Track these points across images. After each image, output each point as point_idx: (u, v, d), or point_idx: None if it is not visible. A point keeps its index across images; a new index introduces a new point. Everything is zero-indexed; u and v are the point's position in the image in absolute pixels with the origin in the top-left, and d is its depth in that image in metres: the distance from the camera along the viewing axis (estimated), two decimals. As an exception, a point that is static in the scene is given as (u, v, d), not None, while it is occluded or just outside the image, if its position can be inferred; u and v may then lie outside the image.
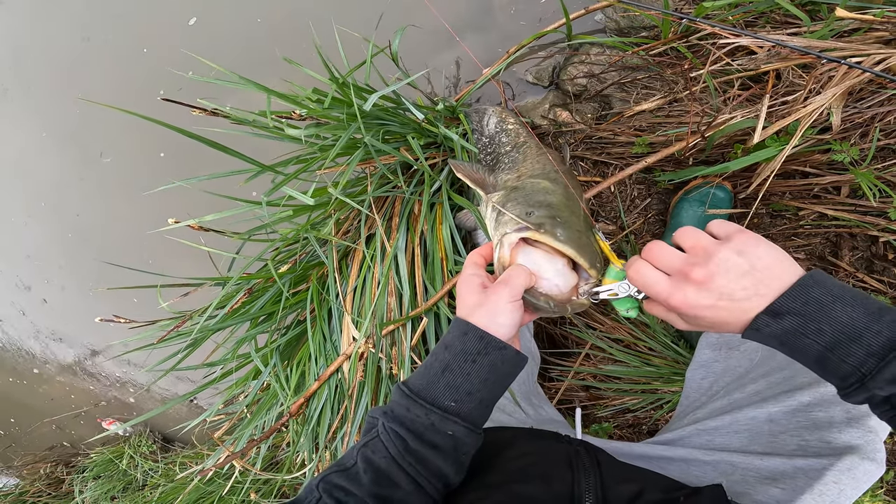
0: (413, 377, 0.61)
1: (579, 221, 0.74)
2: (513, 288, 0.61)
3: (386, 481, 0.55)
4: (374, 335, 1.05)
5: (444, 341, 0.61)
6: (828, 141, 0.95)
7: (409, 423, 0.57)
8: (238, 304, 1.14)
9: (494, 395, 0.61)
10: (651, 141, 1.10)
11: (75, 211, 2.11)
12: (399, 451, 0.56)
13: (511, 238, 0.70)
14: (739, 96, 0.98)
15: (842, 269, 1.10)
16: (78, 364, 2.45)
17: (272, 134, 0.97)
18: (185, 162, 1.87)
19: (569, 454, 0.70)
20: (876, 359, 0.43)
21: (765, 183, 0.92)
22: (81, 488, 2.60)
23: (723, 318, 0.50)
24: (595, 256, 0.69)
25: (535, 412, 0.97)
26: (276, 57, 1.09)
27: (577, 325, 1.32)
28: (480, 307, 0.61)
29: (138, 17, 1.85)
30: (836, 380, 0.47)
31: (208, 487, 1.86)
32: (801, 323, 0.46)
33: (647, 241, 1.31)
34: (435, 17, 1.44)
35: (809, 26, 0.91)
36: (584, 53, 1.31)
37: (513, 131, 1.09)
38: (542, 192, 0.83)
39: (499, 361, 0.59)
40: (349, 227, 1.23)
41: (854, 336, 0.44)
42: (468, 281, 0.65)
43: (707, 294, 0.50)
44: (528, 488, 0.63)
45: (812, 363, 0.48)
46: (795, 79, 0.94)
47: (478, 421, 0.59)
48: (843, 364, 0.45)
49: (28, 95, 2.10)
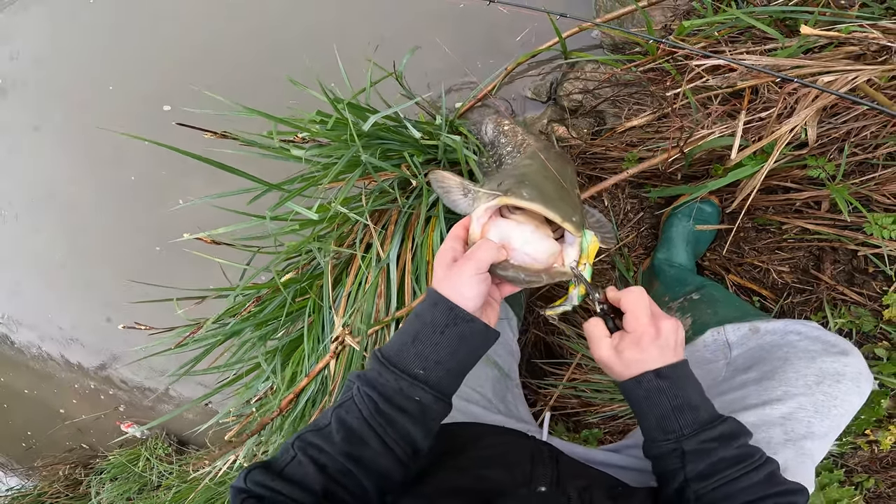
0: (387, 344, 0.65)
1: (552, 185, 0.74)
2: (477, 262, 0.64)
3: (357, 441, 0.59)
4: (361, 335, 1.10)
5: (415, 310, 0.65)
6: (804, 157, 0.99)
7: (381, 387, 0.60)
8: (246, 313, 1.21)
9: (463, 365, 0.65)
10: (640, 156, 1.14)
11: (98, 224, 2.22)
12: (371, 412, 0.59)
13: (478, 211, 0.71)
14: (719, 111, 1.02)
15: (823, 283, 1.13)
16: (99, 368, 2.53)
17: (278, 154, 1.03)
18: (194, 180, 1.97)
19: (531, 450, 0.75)
20: (697, 425, 0.61)
21: (748, 199, 0.96)
22: (98, 490, 2.67)
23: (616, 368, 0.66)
24: (571, 210, 0.69)
25: (506, 409, 0.99)
26: (275, 75, 1.14)
27: (570, 337, 1.37)
28: (446, 280, 0.64)
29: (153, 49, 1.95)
30: (659, 432, 0.63)
31: (219, 488, 1.92)
32: (670, 385, 0.62)
33: (639, 254, 1.36)
34: (434, 36, 1.51)
35: (784, 42, 0.95)
36: (579, 69, 1.36)
37: (510, 131, 1.11)
38: (519, 168, 0.83)
39: (467, 333, 0.63)
40: (353, 239, 1.29)
41: (692, 407, 0.61)
42: (442, 254, 0.68)
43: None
44: (490, 473, 0.68)
45: (655, 415, 0.63)
46: (772, 94, 0.97)
47: (445, 390, 0.63)
48: (675, 422, 0.61)
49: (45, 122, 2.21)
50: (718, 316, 0.99)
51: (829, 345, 0.76)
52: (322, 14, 1.70)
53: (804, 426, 0.70)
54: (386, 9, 1.61)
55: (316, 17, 1.71)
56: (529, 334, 1.52)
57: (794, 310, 1.17)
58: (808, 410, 0.71)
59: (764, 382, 0.76)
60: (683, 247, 1.19)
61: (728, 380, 0.84)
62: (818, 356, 0.75)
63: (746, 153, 0.92)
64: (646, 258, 1.34)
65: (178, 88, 1.89)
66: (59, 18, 2.14)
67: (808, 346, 0.78)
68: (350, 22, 1.66)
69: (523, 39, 1.45)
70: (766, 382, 0.76)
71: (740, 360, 0.86)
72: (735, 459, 0.58)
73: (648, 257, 1.33)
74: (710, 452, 0.59)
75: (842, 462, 1.21)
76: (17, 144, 2.32)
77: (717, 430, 0.60)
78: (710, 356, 0.93)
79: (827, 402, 0.71)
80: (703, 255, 1.26)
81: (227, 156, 1.10)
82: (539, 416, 1.40)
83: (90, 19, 2.06)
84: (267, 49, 1.77)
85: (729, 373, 0.86)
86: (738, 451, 0.59)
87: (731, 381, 0.82)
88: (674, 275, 1.19)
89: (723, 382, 0.85)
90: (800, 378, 0.73)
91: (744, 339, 0.89)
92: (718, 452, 0.59)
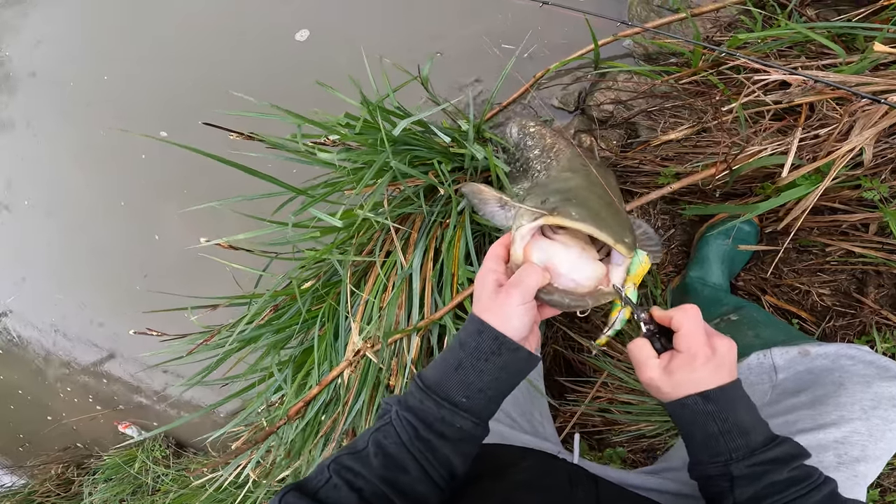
0: (428, 370, 0.63)
1: (601, 202, 0.70)
2: (524, 291, 0.62)
3: (395, 466, 0.58)
4: (379, 343, 1.06)
5: (458, 338, 0.64)
6: (858, 177, 0.95)
7: (421, 413, 0.60)
8: (264, 321, 1.16)
9: (503, 391, 0.63)
10: (677, 171, 1.10)
11: (114, 225, 2.17)
12: (410, 438, 0.59)
13: (523, 230, 0.68)
14: (770, 127, 0.97)
15: (866, 307, 1.09)
16: (98, 365, 2.48)
17: (304, 158, 0.99)
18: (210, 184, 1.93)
19: (569, 473, 0.74)
20: (747, 450, 0.57)
21: (797, 220, 0.91)
22: (91, 490, 2.61)
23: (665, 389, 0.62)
24: (622, 231, 0.66)
25: (532, 428, 0.97)
26: (301, 81, 1.11)
27: (597, 355, 1.32)
28: (493, 310, 0.62)
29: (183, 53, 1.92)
30: (705, 454, 0.60)
31: (219, 495, 1.87)
32: (719, 409, 0.59)
33: (669, 272, 1.31)
34: (462, 42, 1.47)
35: (845, 59, 0.91)
36: (611, 79, 1.32)
37: (536, 133, 1.07)
38: (561, 181, 0.78)
39: (511, 362, 0.61)
40: (372, 247, 1.24)
41: (744, 431, 0.58)
42: (484, 278, 0.66)
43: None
44: (528, 497, 0.66)
45: (702, 437, 0.60)
46: (829, 111, 0.93)
47: (485, 415, 0.62)
48: (724, 446, 0.58)
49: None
50: (762, 339, 0.96)
51: (884, 369, 0.75)
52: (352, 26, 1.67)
53: (858, 450, 0.69)
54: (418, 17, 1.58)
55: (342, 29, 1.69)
56: (548, 348, 1.48)
57: (836, 333, 1.13)
58: (862, 434, 0.69)
59: (817, 406, 0.75)
60: (719, 266, 1.15)
61: (774, 403, 0.82)
62: (873, 381, 0.73)
63: (800, 172, 0.87)
64: (676, 276, 1.29)
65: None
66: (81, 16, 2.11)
67: (861, 370, 0.76)
68: (359, 34, 1.65)
69: (532, 53, 1.43)
70: (819, 407, 0.74)
71: (788, 384, 0.84)
72: (789, 482, 0.56)
73: (679, 275, 1.29)
74: (761, 476, 0.57)
75: (877, 481, 1.18)
76: (24, 138, 2.27)
77: (771, 452, 0.57)
78: (754, 379, 0.90)
79: (882, 426, 0.70)
80: (737, 275, 1.22)
81: (248, 159, 1.06)
82: (563, 434, 1.36)
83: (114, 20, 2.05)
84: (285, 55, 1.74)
85: (775, 396, 0.84)
86: (792, 474, 0.57)
87: (778, 405, 0.80)
88: (708, 294, 1.14)
89: (768, 406, 0.83)
90: (855, 403, 0.72)
91: (792, 362, 0.86)
92: (770, 476, 0.57)
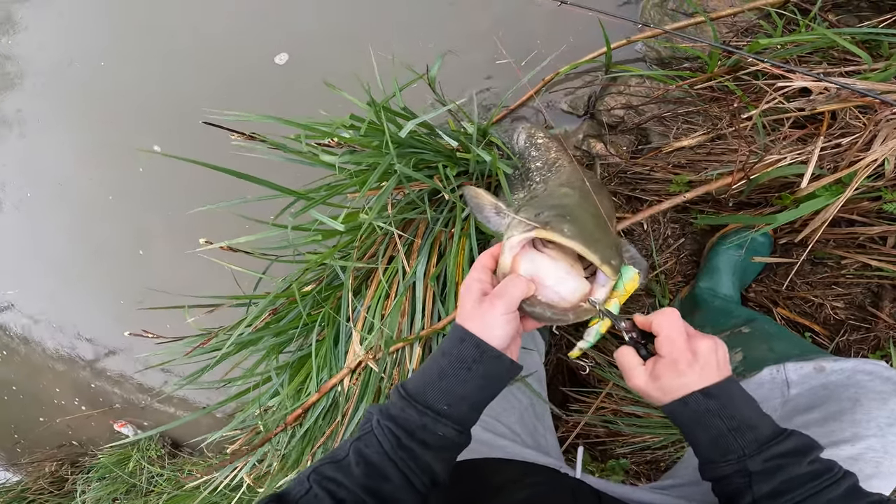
0: (410, 380, 0.64)
1: (594, 221, 0.71)
2: (507, 301, 0.62)
3: (377, 474, 0.58)
4: (381, 352, 1.04)
5: (441, 347, 0.64)
6: (878, 188, 0.92)
7: (403, 422, 0.60)
8: (262, 324, 1.13)
9: (485, 399, 0.64)
10: (691, 179, 1.07)
11: (111, 226, 2.15)
12: (392, 447, 0.59)
13: (513, 241, 0.68)
14: (790, 136, 0.94)
15: (882, 321, 1.06)
16: (94, 363, 2.45)
17: (306, 160, 0.96)
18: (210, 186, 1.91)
19: (573, 489, 0.74)
20: (758, 444, 0.56)
21: (816, 232, 0.88)
22: (84, 488, 2.59)
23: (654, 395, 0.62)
24: (610, 253, 0.66)
25: (534, 442, 0.96)
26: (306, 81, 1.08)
27: (600, 364, 1.29)
28: (476, 319, 0.63)
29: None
30: (716, 454, 0.58)
31: (212, 497, 1.84)
32: (721, 406, 0.57)
33: (677, 282, 1.28)
34: (478, 47, 1.44)
35: (870, 65, 0.88)
36: (622, 83, 1.29)
37: (543, 145, 1.06)
38: (558, 197, 0.79)
39: (493, 370, 0.62)
40: (375, 251, 1.22)
41: (751, 426, 0.57)
42: (470, 286, 0.66)
43: None
44: None
45: (709, 437, 0.58)
46: (852, 119, 0.90)
47: (467, 423, 0.63)
48: (735, 442, 0.56)
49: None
50: (776, 353, 0.93)
51: None
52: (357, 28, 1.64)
53: (872, 466, 0.67)
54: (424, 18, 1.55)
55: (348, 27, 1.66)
56: (551, 357, 1.45)
57: (850, 347, 1.10)
58: (877, 451, 0.68)
59: (830, 423, 0.73)
60: (730, 277, 1.12)
61: (783, 420, 0.80)
62: (890, 398, 0.72)
63: (821, 183, 0.84)
64: (684, 286, 1.27)
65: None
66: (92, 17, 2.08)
67: (878, 386, 0.74)
68: (364, 35, 1.61)
69: (539, 56, 1.39)
70: (833, 423, 0.72)
71: (801, 400, 0.82)
72: (811, 475, 0.55)
73: (687, 285, 1.26)
74: (780, 470, 0.56)
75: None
76: (30, 133, 2.25)
77: (784, 445, 0.56)
78: (765, 394, 0.88)
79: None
80: (748, 286, 1.19)
81: (249, 160, 1.03)
82: (565, 445, 1.33)
83: (121, 21, 2.00)
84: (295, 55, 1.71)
85: (786, 412, 0.82)
86: (813, 468, 0.56)
87: (789, 422, 0.78)
88: (718, 306, 1.12)
89: (778, 422, 0.80)
90: (871, 420, 0.70)
91: (806, 377, 0.84)
92: (790, 469, 0.55)
